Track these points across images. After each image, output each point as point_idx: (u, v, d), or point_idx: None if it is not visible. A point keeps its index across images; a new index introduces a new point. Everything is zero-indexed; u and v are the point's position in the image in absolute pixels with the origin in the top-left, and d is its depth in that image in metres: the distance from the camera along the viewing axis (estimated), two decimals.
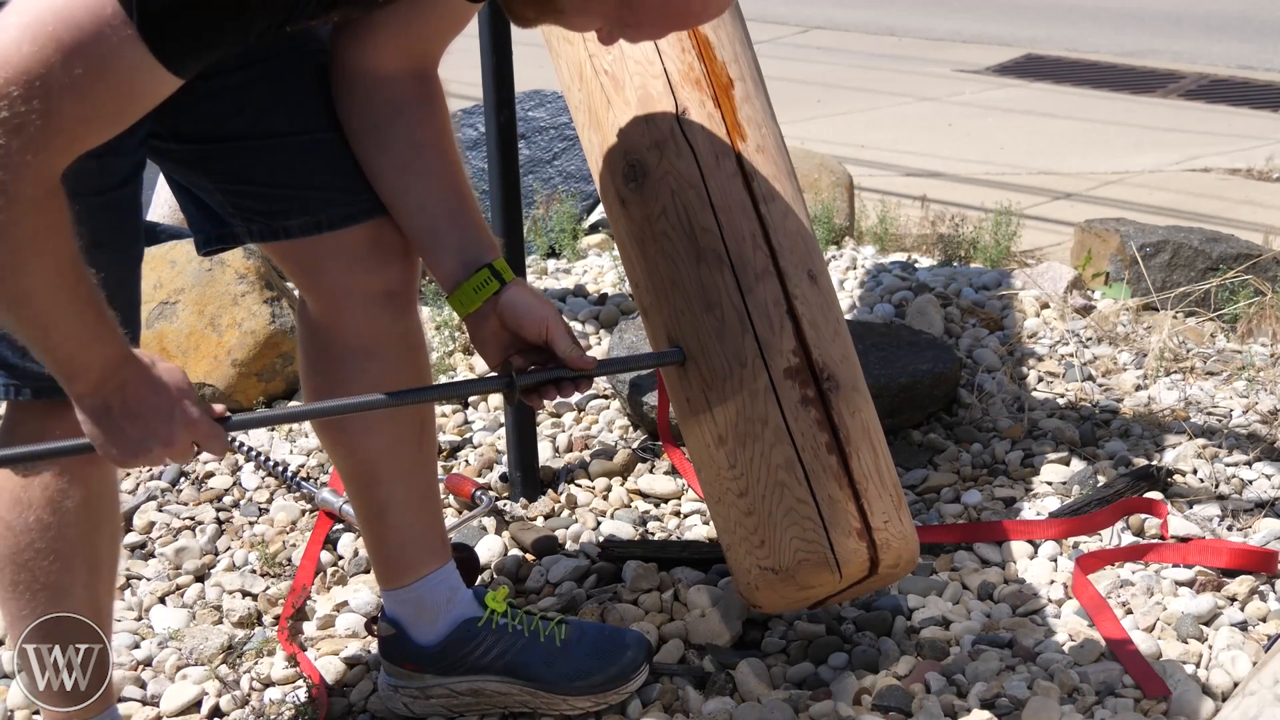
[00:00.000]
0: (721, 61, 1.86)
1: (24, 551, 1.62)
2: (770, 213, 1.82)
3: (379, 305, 1.78)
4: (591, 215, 4.21)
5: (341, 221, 1.73)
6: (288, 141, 1.69)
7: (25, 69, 1.23)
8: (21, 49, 1.23)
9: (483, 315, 1.70)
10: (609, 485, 2.61)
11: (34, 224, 1.29)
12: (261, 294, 3.00)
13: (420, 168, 1.70)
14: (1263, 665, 1.82)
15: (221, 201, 1.74)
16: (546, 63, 2.03)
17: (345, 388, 1.76)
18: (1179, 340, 3.14)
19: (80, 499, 1.63)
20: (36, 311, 1.35)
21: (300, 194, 1.71)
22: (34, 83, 1.23)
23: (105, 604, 1.72)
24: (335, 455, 1.90)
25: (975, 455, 2.65)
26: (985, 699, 1.87)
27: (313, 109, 1.70)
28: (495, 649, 1.91)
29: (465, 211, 1.72)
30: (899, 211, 4.21)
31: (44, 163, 1.27)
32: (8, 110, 1.23)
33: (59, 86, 1.24)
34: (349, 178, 1.72)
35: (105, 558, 1.70)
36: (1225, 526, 2.37)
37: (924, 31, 8.76)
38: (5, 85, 1.22)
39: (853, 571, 1.80)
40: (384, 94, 1.68)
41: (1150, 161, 5.54)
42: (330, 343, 1.80)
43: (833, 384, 1.80)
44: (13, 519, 1.61)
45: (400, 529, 1.89)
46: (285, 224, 1.73)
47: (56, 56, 1.23)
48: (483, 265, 1.69)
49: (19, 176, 1.25)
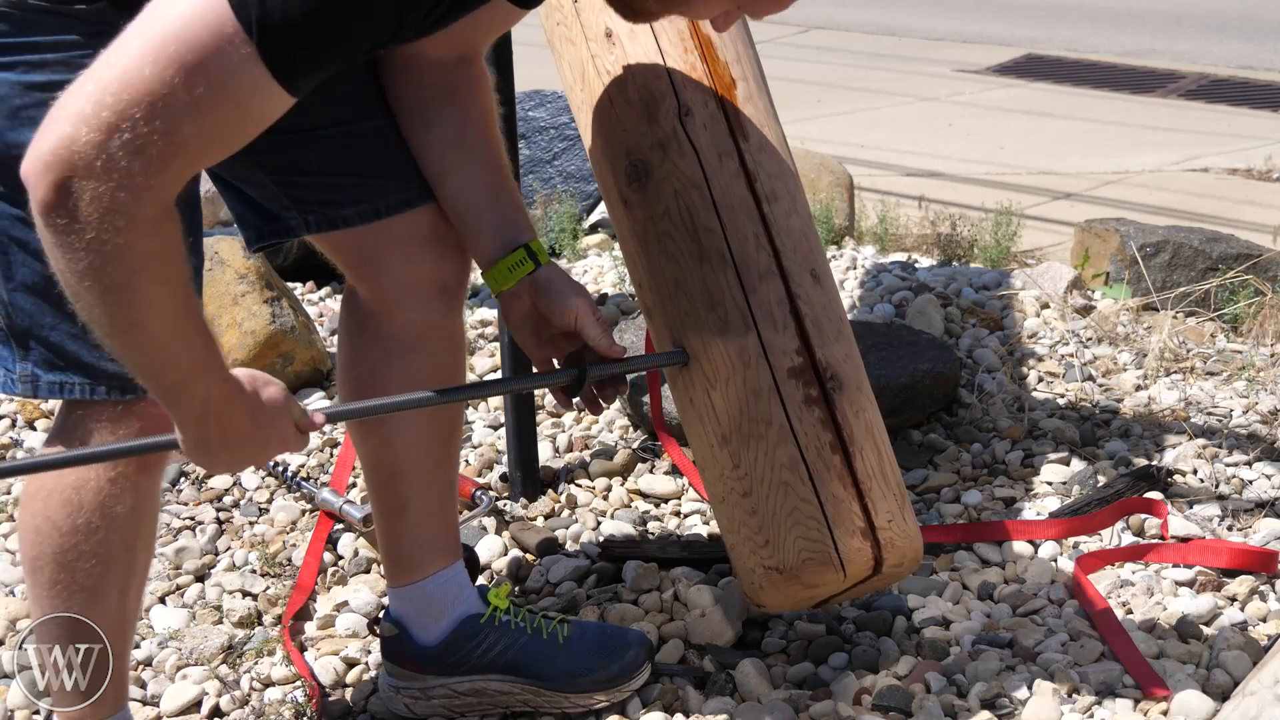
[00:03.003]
0: (724, 61, 1.86)
1: (69, 553, 1.62)
2: (773, 212, 1.82)
3: (433, 298, 1.80)
4: (591, 215, 4.21)
5: (399, 206, 1.75)
6: (341, 130, 1.71)
7: (148, 90, 1.24)
8: (144, 71, 1.24)
9: (516, 295, 1.74)
10: (609, 485, 2.61)
11: (150, 247, 1.30)
12: (261, 294, 3.00)
13: (467, 146, 1.73)
14: (1263, 665, 1.82)
15: (276, 195, 1.74)
16: (546, 63, 2.04)
17: (389, 381, 1.78)
18: (1179, 340, 3.14)
19: (130, 506, 1.63)
20: (147, 338, 1.36)
21: (356, 181, 1.73)
22: (156, 104, 1.24)
23: (133, 610, 1.73)
24: (365, 447, 1.90)
25: (975, 455, 2.65)
26: (985, 699, 1.87)
27: (363, 97, 1.72)
28: (498, 646, 1.91)
29: (506, 192, 1.76)
30: (899, 211, 4.22)
31: (163, 184, 1.28)
32: (130, 132, 1.24)
33: (180, 106, 1.25)
34: (402, 164, 1.74)
35: (140, 566, 1.71)
36: (1225, 526, 2.38)
37: (924, 31, 8.76)
38: (129, 107, 1.24)
39: (857, 571, 1.81)
40: (434, 76, 1.72)
41: (1150, 161, 5.54)
42: (379, 335, 1.82)
43: (836, 384, 1.80)
44: (61, 520, 1.61)
45: (418, 525, 1.90)
46: (344, 212, 1.74)
47: (179, 77, 1.25)
48: (519, 245, 1.73)
49: (139, 198, 1.26)
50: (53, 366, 1.56)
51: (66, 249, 1.28)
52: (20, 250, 1.51)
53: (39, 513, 1.62)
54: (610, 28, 1.87)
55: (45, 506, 1.61)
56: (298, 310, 3.08)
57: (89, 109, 1.24)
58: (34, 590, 1.67)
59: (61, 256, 1.29)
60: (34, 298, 1.53)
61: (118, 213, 1.26)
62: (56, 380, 1.57)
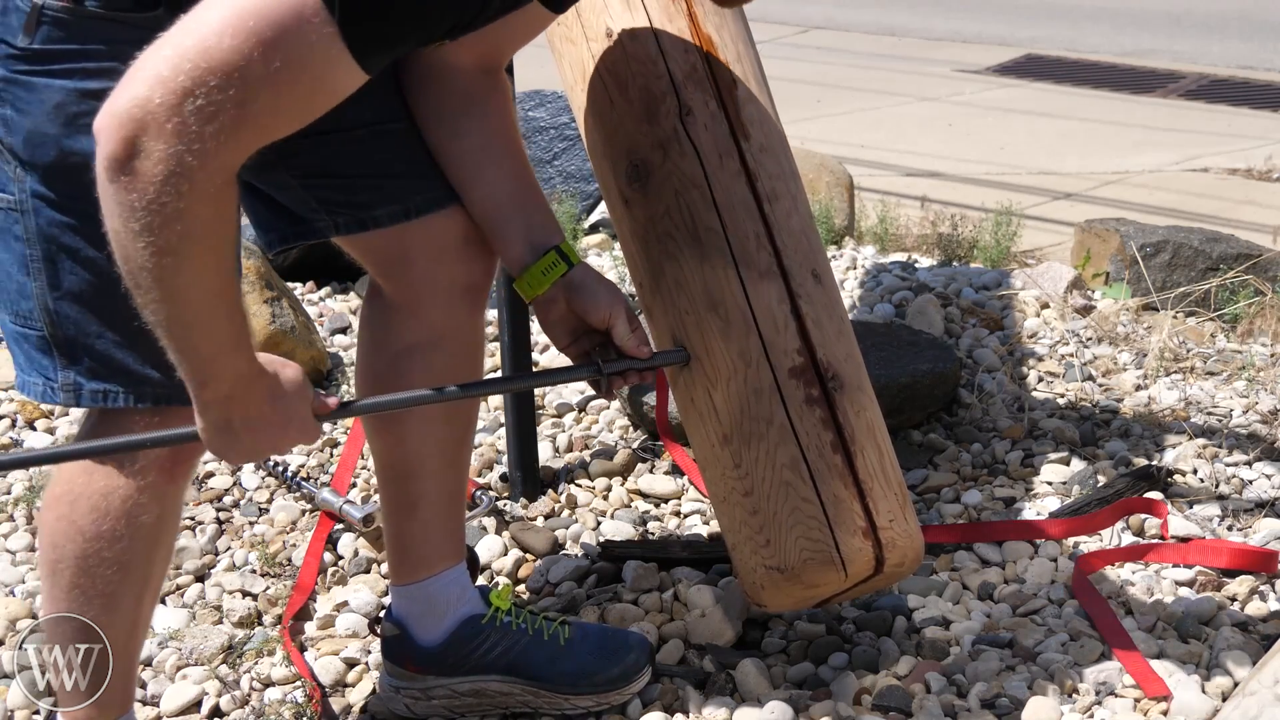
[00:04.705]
0: (725, 61, 1.86)
1: (90, 558, 1.61)
2: (774, 212, 1.82)
3: (459, 297, 1.81)
4: (592, 215, 4.21)
5: (428, 207, 1.75)
6: (370, 131, 1.71)
7: (225, 61, 1.26)
8: (223, 42, 1.26)
9: (550, 299, 1.74)
10: (609, 485, 2.61)
11: (207, 214, 1.31)
12: (262, 294, 3.00)
13: (492, 154, 1.74)
14: (1263, 665, 1.82)
15: (304, 198, 1.74)
16: (547, 63, 2.04)
17: (408, 377, 1.79)
18: (1179, 340, 3.14)
19: (156, 516, 1.63)
20: (189, 308, 1.37)
21: (384, 183, 1.74)
22: (233, 74, 1.26)
23: (146, 617, 1.73)
24: (379, 444, 1.90)
25: (975, 455, 2.65)
26: (985, 699, 1.87)
27: (388, 99, 1.73)
28: (499, 647, 1.91)
29: (532, 196, 1.76)
30: (899, 211, 4.22)
31: (230, 153, 1.30)
32: (204, 98, 1.26)
33: (256, 80, 1.27)
34: (428, 165, 1.75)
35: (156, 574, 1.71)
36: (1225, 526, 2.38)
37: (924, 31, 8.76)
38: (206, 74, 1.25)
39: (858, 570, 1.81)
40: (458, 85, 1.72)
41: (1150, 161, 5.54)
42: (402, 332, 1.82)
43: (837, 383, 1.80)
44: (86, 525, 1.61)
45: (426, 524, 1.90)
46: (374, 214, 1.74)
47: (257, 51, 1.26)
48: (550, 248, 1.74)
49: (205, 164, 1.28)
50: (96, 375, 1.56)
51: (126, 207, 1.29)
52: (69, 259, 1.51)
53: (64, 516, 1.62)
54: (611, 27, 1.87)
55: (71, 510, 1.61)
56: (298, 310, 3.08)
57: (166, 72, 1.26)
58: (51, 592, 1.66)
59: (119, 215, 1.30)
60: (80, 306, 1.53)
61: (182, 176, 1.27)
62: (100, 389, 1.57)
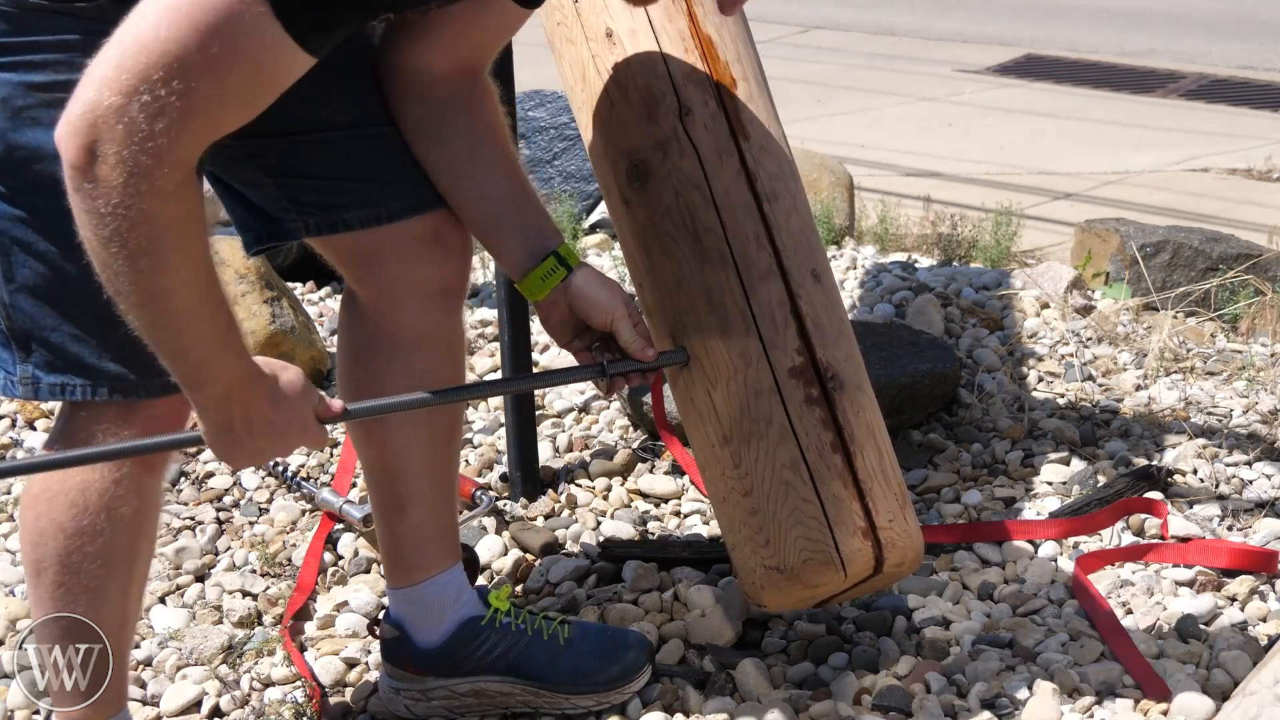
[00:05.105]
0: (725, 61, 1.86)
1: (73, 555, 1.61)
2: (774, 212, 1.82)
3: (433, 300, 1.80)
4: (592, 215, 4.21)
5: (402, 213, 1.74)
6: (345, 134, 1.71)
7: (165, 52, 1.26)
8: (160, 34, 1.26)
9: (552, 302, 1.74)
10: (609, 485, 2.61)
11: (173, 212, 1.31)
12: (261, 294, 3.00)
13: (480, 158, 1.73)
14: (1263, 665, 1.82)
15: (276, 197, 1.74)
16: (546, 63, 2.03)
17: (389, 381, 1.77)
18: (1179, 340, 3.14)
19: (135, 507, 1.63)
20: (172, 311, 1.37)
21: (359, 186, 1.73)
22: (173, 65, 1.26)
23: (134, 610, 1.73)
24: (366, 448, 1.90)
25: (975, 455, 2.65)
26: (985, 699, 1.87)
27: (369, 102, 1.72)
28: (498, 648, 1.91)
29: (526, 199, 1.75)
30: (899, 211, 4.22)
31: (183, 146, 1.30)
32: (149, 94, 1.26)
33: (195, 67, 1.27)
34: (407, 170, 1.74)
35: (142, 567, 1.71)
36: (1225, 526, 2.38)
37: (923, 31, 8.76)
38: (148, 69, 1.26)
39: (858, 570, 1.81)
40: (438, 91, 1.71)
41: (1150, 161, 5.54)
42: (378, 335, 1.81)
43: (837, 383, 1.80)
44: (66, 521, 1.61)
45: (418, 526, 1.89)
46: (345, 216, 1.73)
47: (193, 37, 1.27)
48: (549, 253, 1.73)
49: (159, 163, 1.28)
50: (54, 368, 1.56)
51: (93, 214, 1.29)
52: (22, 251, 1.51)
53: (43, 515, 1.62)
54: (611, 28, 1.87)
55: (49, 509, 1.61)
56: (298, 310, 3.08)
57: (110, 73, 1.26)
58: (36, 592, 1.66)
59: (89, 222, 1.30)
60: (35, 299, 1.53)
61: (140, 177, 1.27)
62: (58, 382, 1.57)
